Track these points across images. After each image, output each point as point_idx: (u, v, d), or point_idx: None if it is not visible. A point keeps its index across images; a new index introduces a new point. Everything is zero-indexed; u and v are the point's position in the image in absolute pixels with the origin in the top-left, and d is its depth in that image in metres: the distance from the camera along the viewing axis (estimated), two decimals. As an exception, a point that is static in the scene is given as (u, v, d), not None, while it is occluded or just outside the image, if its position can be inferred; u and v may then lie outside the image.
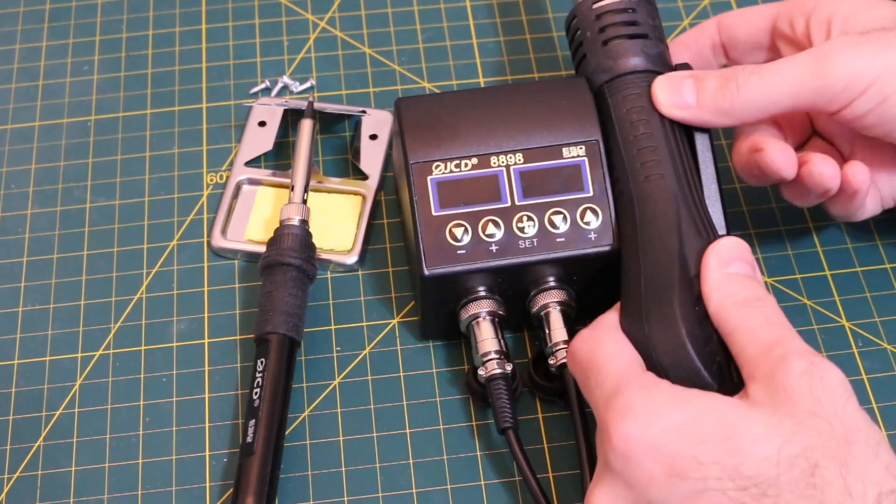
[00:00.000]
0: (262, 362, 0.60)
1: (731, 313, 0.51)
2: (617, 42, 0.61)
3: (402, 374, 0.63)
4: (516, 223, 0.59)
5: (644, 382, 0.50)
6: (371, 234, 0.68)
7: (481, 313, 0.60)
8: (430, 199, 0.59)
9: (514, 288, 0.60)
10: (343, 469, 0.60)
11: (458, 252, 0.58)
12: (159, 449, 0.61)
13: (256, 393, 0.59)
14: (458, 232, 0.58)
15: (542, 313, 0.60)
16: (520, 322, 0.62)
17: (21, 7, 0.79)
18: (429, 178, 0.59)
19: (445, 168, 0.59)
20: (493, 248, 0.58)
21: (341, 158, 0.71)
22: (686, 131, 0.59)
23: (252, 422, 0.58)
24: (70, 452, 0.61)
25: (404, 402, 0.62)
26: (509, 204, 0.59)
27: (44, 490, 0.60)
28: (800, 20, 0.61)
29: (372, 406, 0.62)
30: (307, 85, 0.74)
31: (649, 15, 0.62)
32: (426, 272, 0.58)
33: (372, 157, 0.70)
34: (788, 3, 0.62)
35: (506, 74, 0.74)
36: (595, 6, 0.62)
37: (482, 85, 0.74)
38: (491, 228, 0.58)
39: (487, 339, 0.59)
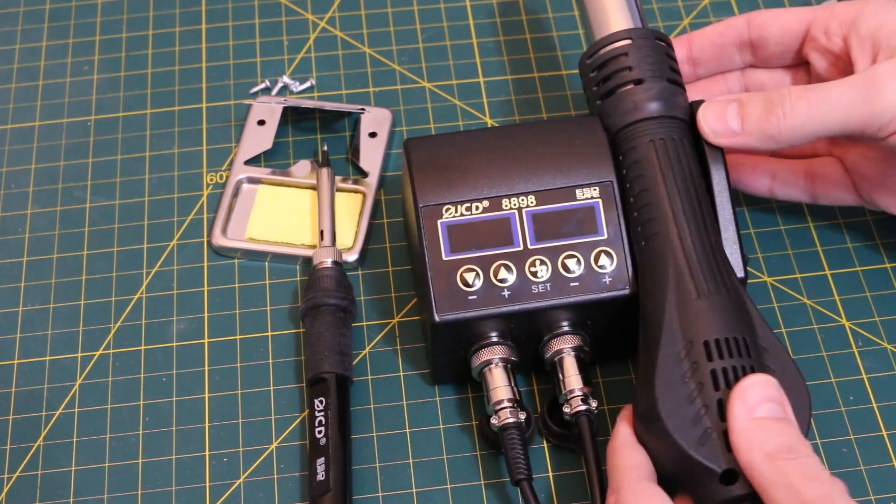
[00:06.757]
0: (321, 401, 0.59)
1: (765, 467, 0.48)
2: (616, 94, 0.59)
3: (401, 373, 0.63)
4: (529, 267, 0.57)
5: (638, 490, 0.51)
6: (371, 232, 0.68)
7: (493, 359, 0.58)
8: (440, 244, 0.57)
9: (526, 333, 0.58)
10: (343, 469, 0.60)
11: (470, 298, 0.57)
12: (159, 449, 0.61)
13: (320, 431, 0.59)
14: (470, 277, 0.57)
15: (556, 359, 0.58)
16: (531, 366, 0.61)
17: (21, 7, 0.79)
18: (439, 221, 0.57)
19: (456, 211, 0.57)
20: (506, 293, 0.57)
21: (341, 157, 0.71)
22: (702, 173, 0.58)
23: (321, 460, 0.58)
24: (70, 452, 0.61)
25: (404, 402, 0.62)
26: (522, 248, 0.57)
27: (44, 490, 0.60)
28: (837, 32, 0.60)
29: (372, 406, 0.62)
30: (307, 85, 0.74)
31: (642, 56, 0.60)
32: (437, 319, 0.56)
33: (371, 155, 0.70)
34: (826, 10, 0.60)
35: (505, 74, 0.74)
36: (588, 61, 0.61)
37: (482, 83, 0.74)
38: (503, 273, 0.57)
39: (500, 386, 0.58)
